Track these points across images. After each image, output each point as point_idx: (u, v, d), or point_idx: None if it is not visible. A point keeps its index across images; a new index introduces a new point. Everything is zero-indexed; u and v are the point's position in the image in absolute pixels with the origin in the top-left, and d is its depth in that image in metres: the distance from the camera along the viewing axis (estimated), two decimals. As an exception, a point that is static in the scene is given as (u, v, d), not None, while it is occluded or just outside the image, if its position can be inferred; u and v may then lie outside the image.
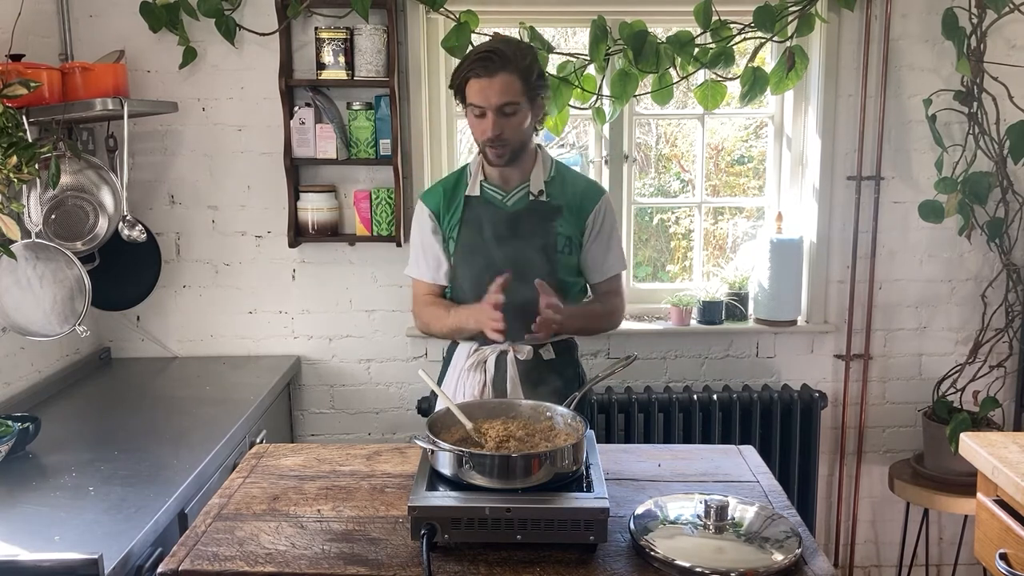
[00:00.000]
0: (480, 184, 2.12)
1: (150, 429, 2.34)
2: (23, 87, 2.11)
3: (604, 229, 2.14)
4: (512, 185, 2.11)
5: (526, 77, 1.96)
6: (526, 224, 2.08)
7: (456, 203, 2.13)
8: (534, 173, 2.10)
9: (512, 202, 2.10)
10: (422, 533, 1.37)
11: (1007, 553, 1.82)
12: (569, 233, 2.10)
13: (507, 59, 1.94)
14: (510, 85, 1.94)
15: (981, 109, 2.83)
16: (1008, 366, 2.97)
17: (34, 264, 2.33)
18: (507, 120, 1.97)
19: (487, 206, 2.10)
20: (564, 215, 2.10)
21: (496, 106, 1.95)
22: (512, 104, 1.96)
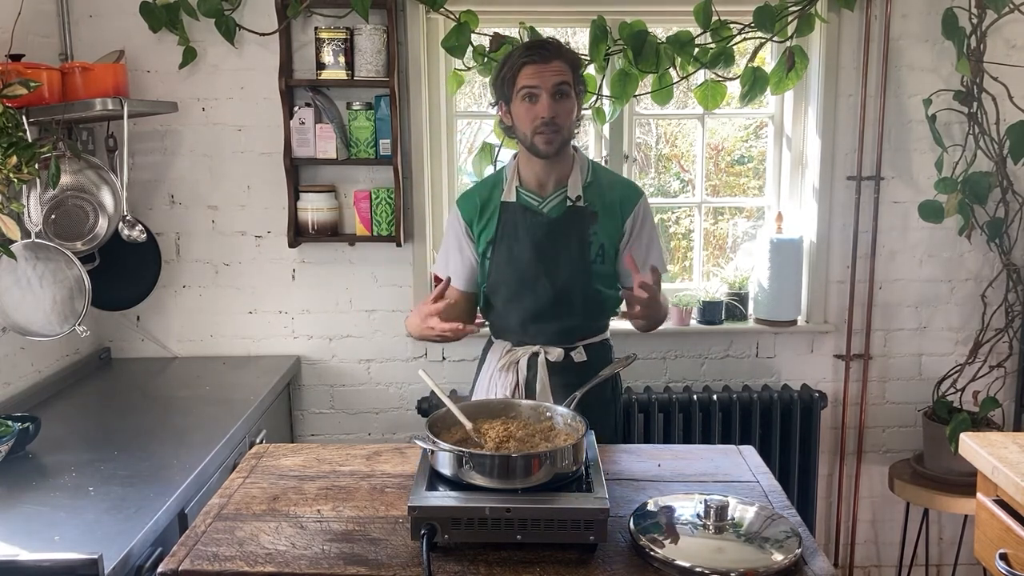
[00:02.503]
0: (516, 190, 2.11)
1: (150, 429, 2.34)
2: (23, 87, 2.11)
3: (644, 231, 2.13)
4: (548, 191, 2.10)
5: (575, 68, 2.02)
6: (562, 231, 2.07)
7: (492, 209, 2.12)
8: (572, 178, 2.09)
9: (549, 208, 2.09)
10: (422, 533, 1.37)
11: (1007, 553, 1.82)
12: (603, 240, 2.08)
13: (559, 49, 2.01)
14: (563, 69, 1.99)
15: (981, 109, 2.83)
16: (1008, 366, 2.98)
17: (34, 264, 2.33)
18: (560, 104, 1.98)
19: (524, 212, 2.09)
20: (600, 221, 2.09)
21: (552, 85, 1.97)
22: (566, 84, 1.98)
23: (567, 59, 2.00)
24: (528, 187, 2.11)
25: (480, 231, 2.14)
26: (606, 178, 2.16)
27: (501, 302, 2.15)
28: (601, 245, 2.09)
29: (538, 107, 1.98)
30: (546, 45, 2.01)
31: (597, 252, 2.08)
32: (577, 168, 2.10)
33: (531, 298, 2.09)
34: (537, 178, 2.10)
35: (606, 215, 2.09)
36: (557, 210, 2.09)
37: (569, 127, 2.02)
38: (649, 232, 2.15)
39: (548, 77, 1.97)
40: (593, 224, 2.08)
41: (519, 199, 2.11)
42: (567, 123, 2.00)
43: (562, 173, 2.09)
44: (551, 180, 2.09)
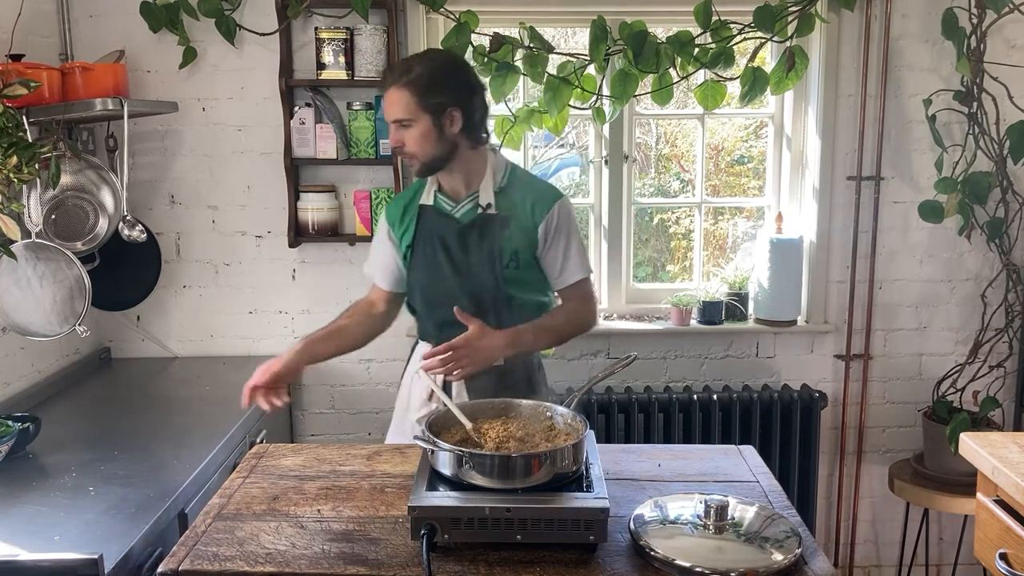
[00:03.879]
0: (434, 193, 2.09)
1: (150, 429, 2.34)
2: (23, 87, 2.11)
3: (559, 236, 2.05)
4: (461, 196, 2.07)
5: (418, 91, 1.92)
6: (473, 236, 2.03)
7: (412, 212, 2.11)
8: (483, 183, 2.05)
9: (461, 214, 2.06)
10: (422, 533, 1.37)
11: (1007, 553, 1.82)
12: (516, 247, 2.03)
13: (395, 75, 1.94)
14: (398, 100, 1.93)
15: (981, 109, 2.83)
16: (1008, 366, 2.97)
17: (34, 264, 2.33)
18: (406, 132, 1.95)
19: (439, 216, 2.07)
20: (512, 228, 2.03)
21: (391, 119, 1.96)
22: (405, 120, 1.94)
23: (406, 83, 1.92)
24: (445, 191, 2.09)
25: (401, 234, 2.13)
26: (523, 183, 2.10)
27: (419, 305, 2.15)
28: (514, 251, 2.03)
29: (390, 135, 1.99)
30: (387, 71, 1.98)
31: (511, 258, 2.03)
32: (490, 173, 2.05)
33: (444, 303, 2.06)
34: (450, 184, 2.07)
35: (518, 221, 2.04)
36: (468, 216, 2.05)
37: (425, 150, 1.96)
38: (566, 237, 2.06)
39: (388, 110, 1.96)
40: (504, 230, 2.03)
41: (435, 203, 2.09)
42: (418, 148, 1.96)
43: (473, 179, 2.06)
44: (461, 185, 2.06)
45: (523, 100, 3.03)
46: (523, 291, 2.06)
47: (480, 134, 2.04)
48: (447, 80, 1.96)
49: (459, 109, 1.96)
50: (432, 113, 1.94)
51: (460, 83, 1.99)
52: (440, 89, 1.94)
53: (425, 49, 1.94)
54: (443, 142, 1.97)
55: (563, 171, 3.71)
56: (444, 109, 1.94)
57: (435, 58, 2.01)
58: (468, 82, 2.01)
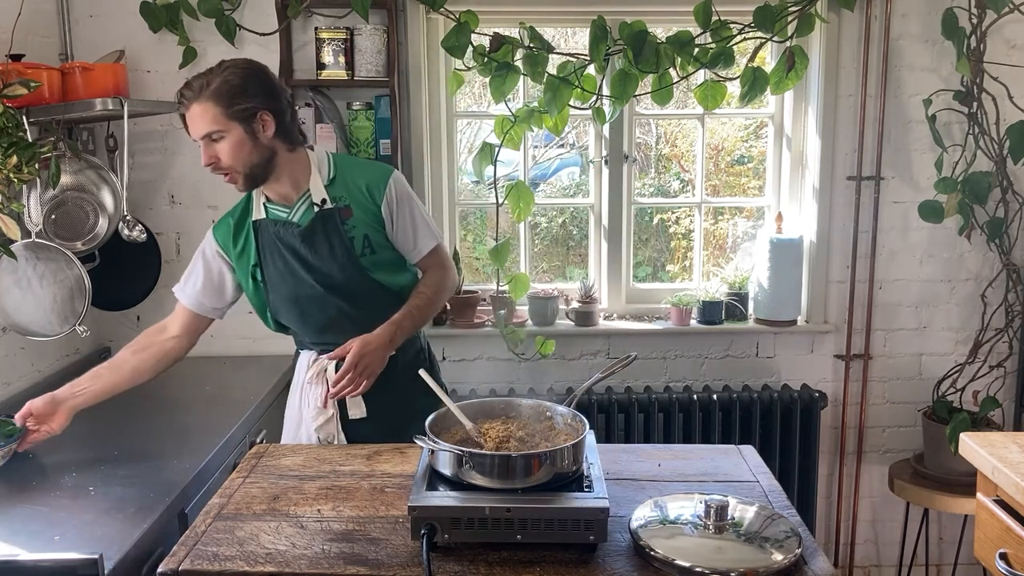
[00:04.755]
0: (264, 206, 2.04)
1: (150, 429, 2.34)
2: (23, 87, 2.12)
3: (402, 210, 2.03)
4: (293, 200, 2.01)
5: (221, 101, 1.87)
6: (319, 236, 1.99)
7: (245, 232, 2.04)
8: (312, 181, 2.00)
9: (298, 216, 2.01)
10: (422, 533, 1.37)
11: (1007, 553, 1.82)
12: (366, 231, 2.00)
13: (194, 90, 1.89)
14: (203, 114, 1.87)
15: (981, 109, 2.83)
16: (1008, 366, 2.97)
17: (34, 264, 2.34)
18: (218, 146, 1.90)
19: (277, 227, 2.01)
20: (355, 214, 2.00)
21: (200, 135, 1.90)
22: (214, 132, 1.88)
23: (208, 96, 1.86)
24: (274, 201, 2.04)
25: (239, 255, 2.06)
26: (351, 169, 2.06)
27: (291, 319, 2.09)
28: (365, 236, 2.00)
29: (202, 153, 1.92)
30: (185, 89, 1.90)
31: (364, 245, 2.00)
32: (315, 169, 2.01)
33: (315, 309, 2.04)
34: (277, 191, 2.02)
35: (359, 206, 2.00)
36: (306, 216, 2.00)
37: (243, 161, 1.90)
38: (408, 209, 2.04)
39: (194, 127, 1.90)
40: (348, 219, 2.00)
41: (268, 215, 2.03)
42: (236, 160, 1.90)
43: (299, 179, 2.00)
44: (290, 189, 2.00)
45: (523, 100, 3.03)
46: (387, 273, 2.04)
47: (295, 135, 2.00)
48: (249, 85, 1.91)
49: (268, 112, 1.91)
50: (241, 120, 1.89)
51: (263, 87, 1.93)
52: (244, 95, 1.89)
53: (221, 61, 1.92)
54: (259, 148, 1.92)
55: (563, 171, 3.71)
56: (254, 114, 1.90)
57: (232, 66, 1.93)
58: (271, 85, 1.96)
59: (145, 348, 2.13)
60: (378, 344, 1.91)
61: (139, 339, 2.15)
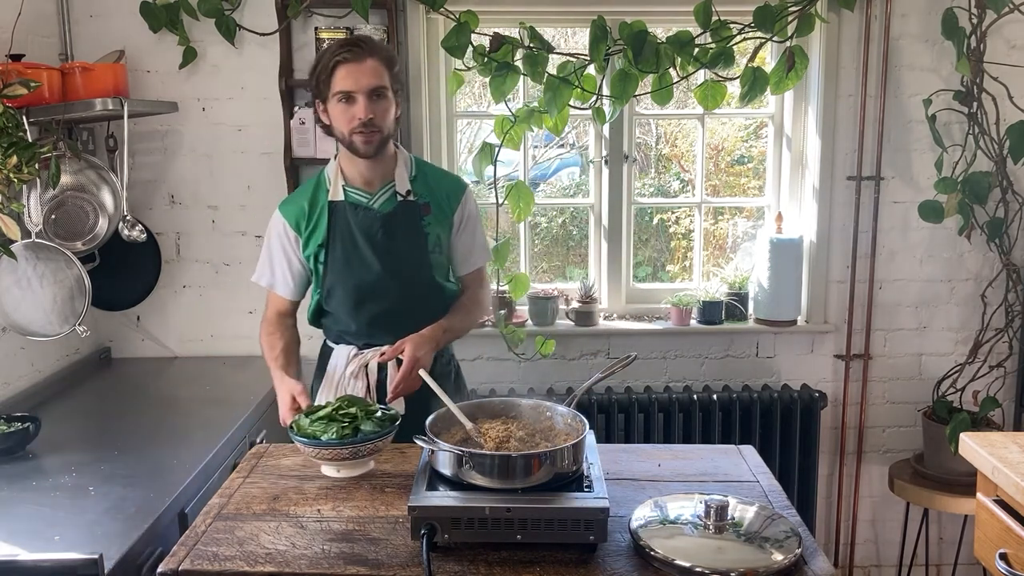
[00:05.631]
0: (343, 188, 2.07)
1: (150, 429, 2.34)
2: (23, 87, 2.12)
3: (470, 222, 2.13)
4: (376, 187, 2.07)
5: (391, 66, 1.98)
6: (397, 225, 2.04)
7: (319, 211, 2.08)
8: (398, 173, 2.07)
9: (380, 204, 2.06)
10: (422, 533, 1.37)
11: (1007, 553, 1.82)
12: (439, 231, 2.08)
13: (373, 47, 1.96)
14: (378, 70, 1.94)
15: (981, 109, 2.83)
16: (1008, 366, 2.97)
17: (34, 264, 2.34)
18: (377, 104, 1.95)
19: (354, 210, 2.05)
20: (433, 213, 2.08)
21: (367, 88, 1.93)
22: (381, 88, 1.95)
23: (382, 57, 1.96)
24: (355, 184, 2.08)
25: (309, 235, 2.09)
26: (432, 172, 2.16)
27: (340, 305, 2.10)
28: (437, 236, 2.08)
29: (355, 108, 1.94)
30: (359, 43, 1.96)
31: (435, 243, 2.07)
32: (402, 163, 2.09)
33: (374, 297, 2.06)
34: (362, 175, 2.06)
35: (437, 207, 2.09)
36: (388, 205, 2.06)
37: (388, 125, 1.99)
38: (474, 225, 2.15)
39: (362, 80, 1.93)
40: (426, 215, 2.07)
41: (347, 197, 2.07)
42: (385, 122, 1.98)
43: (387, 169, 2.07)
44: (377, 176, 2.07)
45: (523, 100, 3.03)
46: (442, 276, 2.12)
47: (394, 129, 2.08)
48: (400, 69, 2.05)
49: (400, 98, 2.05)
50: (394, 91, 2.00)
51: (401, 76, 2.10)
52: (399, 75, 2.03)
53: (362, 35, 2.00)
54: (394, 125, 2.03)
55: (563, 171, 3.71)
56: (398, 93, 2.02)
57: None
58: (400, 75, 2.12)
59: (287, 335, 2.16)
60: (428, 344, 1.96)
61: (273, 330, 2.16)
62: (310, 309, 2.17)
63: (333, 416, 1.71)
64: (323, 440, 1.64)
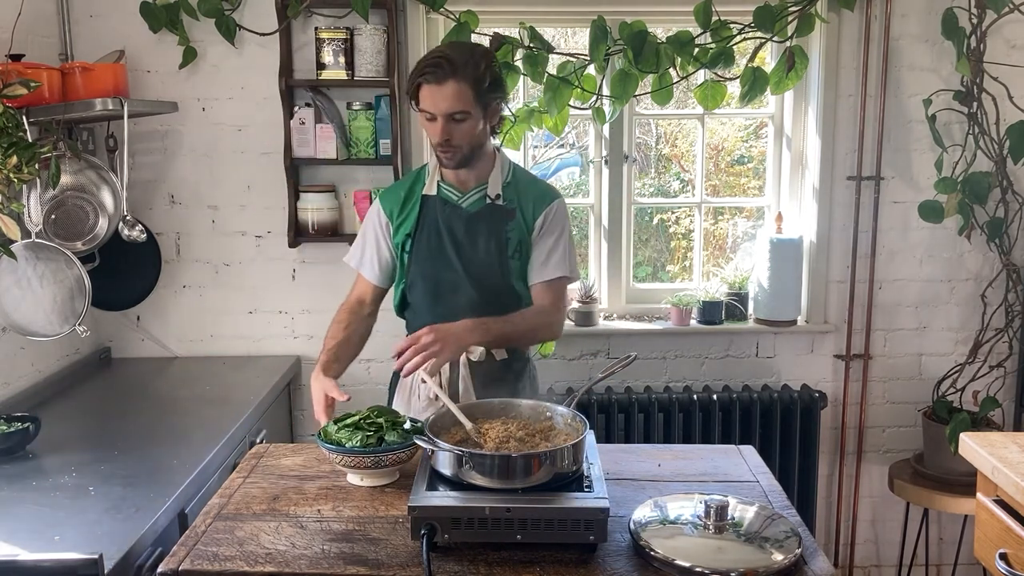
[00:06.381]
0: (437, 184, 2.11)
1: (150, 429, 2.34)
2: (23, 87, 2.12)
3: (551, 229, 2.09)
4: (469, 187, 2.09)
5: (477, 85, 1.93)
6: (480, 226, 2.06)
7: (413, 202, 2.12)
8: (492, 176, 2.08)
9: (468, 203, 2.08)
10: (422, 533, 1.37)
11: (1007, 553, 1.82)
12: (520, 237, 2.07)
13: (456, 66, 1.91)
14: (460, 93, 1.91)
15: (981, 109, 2.83)
16: (1008, 366, 2.97)
17: (34, 264, 2.34)
18: (456, 126, 1.95)
19: (443, 206, 2.09)
20: (518, 218, 2.08)
21: (445, 112, 1.93)
22: (462, 112, 1.93)
23: (467, 77, 1.91)
24: (449, 182, 2.10)
25: (400, 224, 2.13)
26: (526, 180, 2.15)
27: (420, 297, 2.13)
28: (519, 242, 2.08)
29: (435, 128, 1.95)
30: (441, 64, 1.91)
31: (515, 249, 2.07)
32: (498, 167, 2.10)
33: (449, 293, 2.08)
34: (457, 175, 2.09)
35: (522, 213, 2.09)
36: (476, 205, 2.08)
37: (470, 143, 1.98)
38: (558, 233, 2.09)
39: (441, 103, 1.92)
40: (511, 221, 2.07)
41: (439, 193, 2.10)
42: (465, 141, 1.97)
43: (482, 172, 2.08)
44: (471, 178, 2.08)
45: (523, 100, 3.03)
46: (522, 284, 2.10)
47: (497, 132, 2.10)
48: (499, 78, 2.01)
49: (501, 106, 2.04)
50: (485, 108, 1.98)
51: (503, 82, 2.05)
52: (497, 87, 1.99)
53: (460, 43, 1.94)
54: (483, 136, 2.02)
55: (563, 171, 3.71)
56: (492, 104, 2.00)
57: (490, 55, 2.01)
58: (505, 82, 2.08)
59: (357, 327, 2.17)
60: (454, 329, 1.89)
61: (343, 317, 2.17)
62: (396, 298, 2.19)
63: (360, 424, 1.71)
64: (347, 447, 1.64)
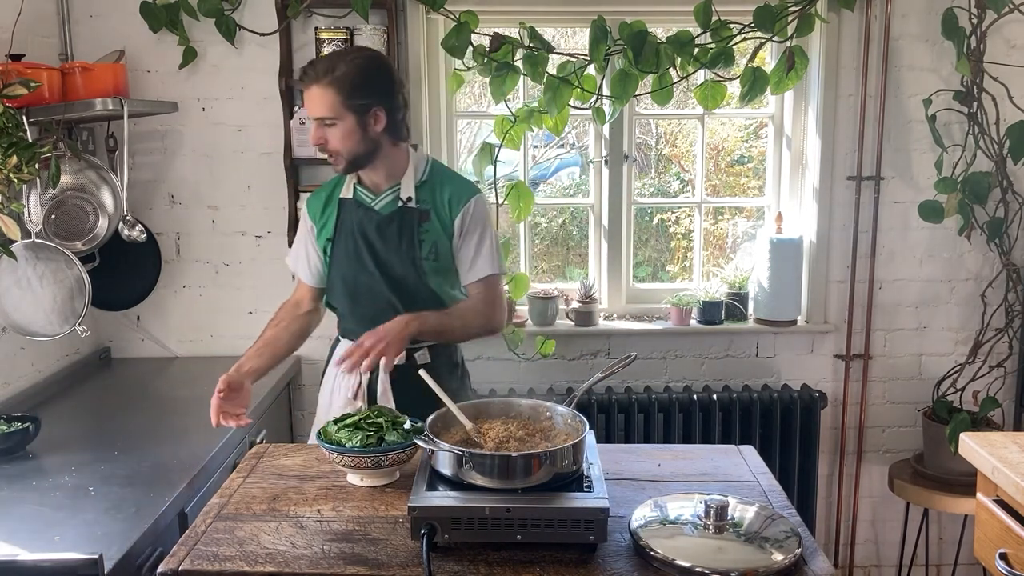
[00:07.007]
0: (354, 186, 2.11)
1: (150, 429, 2.34)
2: (23, 87, 2.12)
3: (472, 230, 2.07)
4: (382, 189, 2.08)
5: (342, 90, 1.91)
6: (393, 228, 2.05)
7: (332, 205, 2.13)
8: (405, 177, 2.07)
9: (381, 206, 2.07)
10: (422, 533, 1.37)
11: (1007, 553, 1.82)
12: (436, 239, 2.06)
13: (318, 72, 1.91)
14: (323, 98, 1.91)
15: (981, 109, 2.83)
16: (1008, 366, 2.97)
17: (34, 264, 2.34)
18: (329, 131, 1.94)
19: (359, 209, 2.08)
20: (432, 220, 2.06)
21: (314, 118, 1.94)
22: (329, 118, 1.93)
23: (329, 82, 1.90)
24: (365, 185, 2.10)
25: (321, 228, 2.14)
26: (444, 178, 2.12)
27: (340, 300, 2.15)
28: (433, 243, 2.06)
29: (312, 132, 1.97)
30: (307, 70, 1.93)
31: (430, 250, 2.06)
32: (412, 167, 2.08)
33: (367, 297, 2.08)
34: (369, 177, 2.09)
35: (437, 214, 2.07)
36: (389, 208, 2.07)
37: (349, 148, 1.96)
38: (480, 233, 2.08)
39: (309, 108, 1.95)
40: (424, 223, 2.05)
41: (355, 195, 2.10)
42: (342, 146, 1.96)
43: (394, 172, 2.07)
44: (383, 179, 2.08)
45: (523, 100, 3.03)
46: (443, 284, 2.09)
47: (402, 131, 2.06)
48: (372, 80, 1.95)
49: (383, 109, 1.97)
50: (356, 112, 1.94)
51: (384, 83, 1.98)
52: (365, 89, 1.94)
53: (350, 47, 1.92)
54: (366, 140, 1.98)
55: (563, 171, 3.71)
56: (369, 109, 1.95)
57: (359, 57, 1.97)
58: (391, 82, 2.00)
59: (289, 325, 2.21)
60: (390, 326, 1.91)
61: (280, 316, 2.22)
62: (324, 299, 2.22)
63: (359, 424, 1.71)
64: (347, 447, 1.64)
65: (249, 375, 2.07)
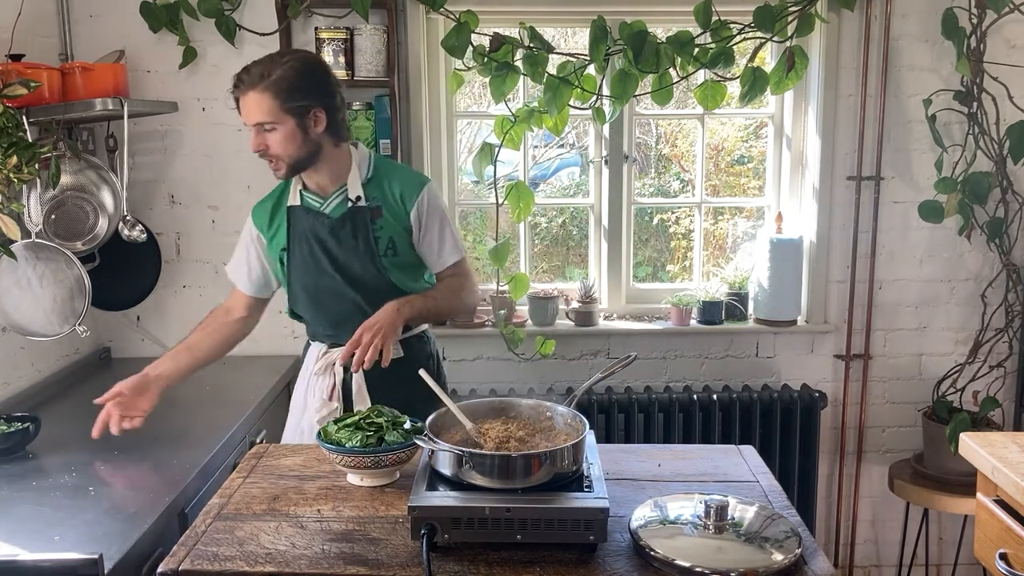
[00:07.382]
0: (300, 193, 2.09)
1: (150, 429, 2.33)
2: (23, 87, 2.12)
3: (431, 221, 2.08)
4: (329, 192, 2.07)
5: (278, 94, 1.90)
6: (347, 230, 2.04)
7: (280, 215, 2.11)
8: (350, 177, 2.06)
9: (331, 209, 2.06)
10: (422, 533, 1.37)
11: (1007, 553, 1.82)
12: (391, 234, 2.05)
13: (252, 78, 1.91)
14: (259, 103, 1.91)
15: (981, 109, 2.83)
16: (1008, 366, 2.97)
17: (34, 264, 2.34)
18: (269, 136, 1.94)
19: (309, 215, 2.07)
20: (384, 216, 2.05)
21: (252, 124, 1.94)
22: (268, 123, 1.92)
23: (265, 87, 1.90)
24: (311, 190, 2.09)
25: (272, 237, 2.12)
26: (390, 172, 2.11)
27: (305, 308, 2.14)
28: (390, 239, 2.05)
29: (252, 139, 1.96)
30: (241, 76, 1.93)
31: (387, 246, 2.05)
32: (355, 166, 2.07)
33: (331, 301, 2.08)
34: (315, 181, 2.07)
35: (389, 209, 2.06)
36: (339, 210, 2.05)
37: (292, 152, 1.95)
38: (440, 223, 2.09)
39: (246, 115, 1.94)
40: (377, 219, 2.05)
41: (303, 202, 2.08)
42: (284, 151, 1.95)
43: (339, 172, 2.06)
44: (328, 182, 2.06)
45: (523, 100, 3.03)
46: (405, 277, 2.09)
47: (343, 132, 2.05)
48: (308, 82, 1.95)
49: (322, 110, 1.96)
50: (295, 115, 1.93)
51: (321, 84, 1.97)
52: (302, 92, 1.93)
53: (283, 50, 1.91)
54: (308, 143, 1.97)
55: (563, 171, 3.71)
56: (308, 111, 1.94)
57: (293, 60, 1.96)
58: (328, 83, 2.00)
59: (216, 330, 2.20)
60: (381, 315, 1.91)
61: (208, 321, 2.22)
62: (287, 306, 2.21)
63: (360, 424, 1.71)
64: (347, 447, 1.64)
65: (159, 380, 2.05)
